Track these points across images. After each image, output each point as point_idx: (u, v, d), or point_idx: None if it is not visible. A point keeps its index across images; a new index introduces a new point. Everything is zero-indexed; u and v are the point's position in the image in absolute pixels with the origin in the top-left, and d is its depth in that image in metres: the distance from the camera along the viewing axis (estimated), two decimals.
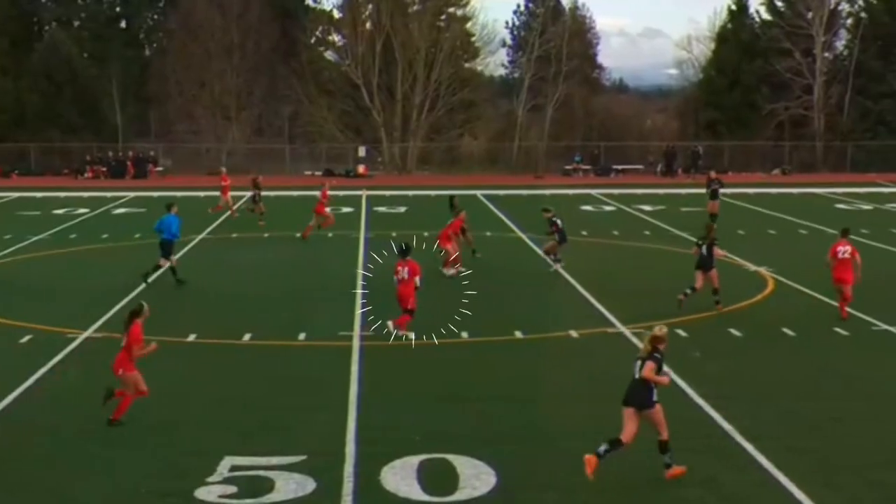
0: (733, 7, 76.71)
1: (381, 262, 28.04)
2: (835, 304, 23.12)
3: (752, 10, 77.50)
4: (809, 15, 71.83)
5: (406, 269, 20.61)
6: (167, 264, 26.89)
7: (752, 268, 29.21)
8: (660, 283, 26.95)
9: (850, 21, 75.10)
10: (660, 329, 13.22)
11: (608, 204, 48.51)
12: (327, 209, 36.48)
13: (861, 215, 43.92)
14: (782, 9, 74.28)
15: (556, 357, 19.63)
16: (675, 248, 33.17)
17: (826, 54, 73.38)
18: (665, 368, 18.07)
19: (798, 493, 12.53)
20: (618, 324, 21.93)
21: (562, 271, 28.14)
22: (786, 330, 21.36)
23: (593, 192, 54.82)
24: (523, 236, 36.13)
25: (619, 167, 69.00)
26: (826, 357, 19.55)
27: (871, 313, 22.69)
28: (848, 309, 22.48)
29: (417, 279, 20.53)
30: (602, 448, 12.89)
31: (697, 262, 23.32)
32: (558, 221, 28.82)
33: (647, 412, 12.98)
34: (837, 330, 21.36)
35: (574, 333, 21.16)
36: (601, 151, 70.73)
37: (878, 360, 19.35)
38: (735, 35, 75.64)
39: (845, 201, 50.45)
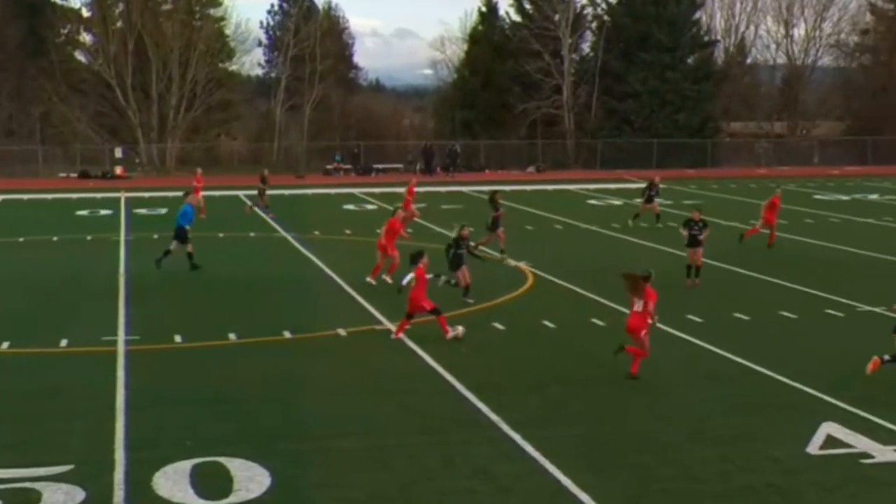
0: (483, 9, 78.45)
1: (142, 264, 27.49)
2: (591, 295, 24.14)
3: (501, 12, 79.45)
4: (556, 17, 74.16)
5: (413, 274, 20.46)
6: (177, 249, 28.46)
7: (512, 263, 30.01)
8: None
9: (594, 24, 78.02)
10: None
11: (370, 203, 48.84)
12: (413, 206, 36.28)
13: (611, 210, 45.71)
14: (530, 11, 76.43)
15: (325, 356, 19.67)
16: (438, 244, 33.68)
17: (573, 56, 76.00)
18: (432, 363, 18.62)
19: (564, 480, 12.96)
20: (385, 321, 22.16)
21: (326, 268, 28.29)
22: (546, 322, 22.05)
23: (355, 191, 55.09)
24: (287, 236, 36.02)
25: (380, 166, 69.52)
26: (586, 346, 20.29)
27: (623, 303, 23.67)
28: (602, 300, 23.44)
29: (410, 275, 20.43)
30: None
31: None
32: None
33: None
34: (594, 321, 22.21)
35: (342, 332, 21.26)
36: (361, 151, 71.11)
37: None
38: (486, 36, 77.43)
39: (597, 197, 52.40)
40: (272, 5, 79.61)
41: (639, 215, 39.21)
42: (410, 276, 20.50)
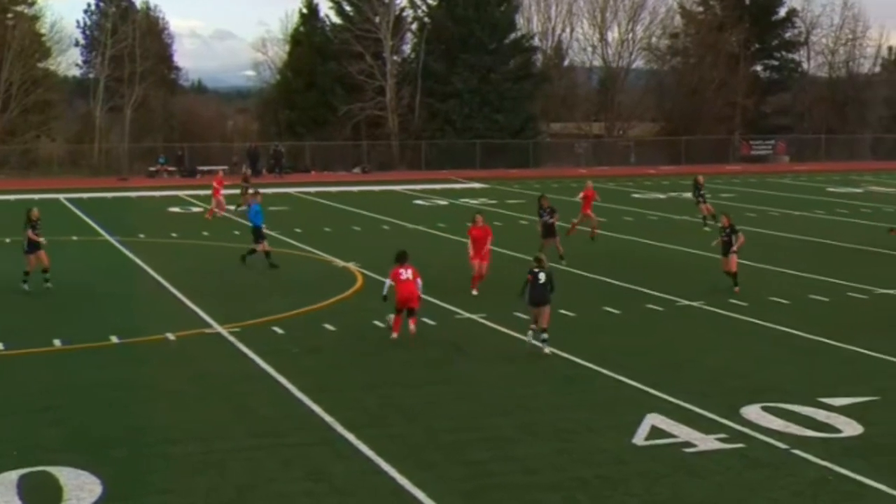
0: (304, 10, 78.21)
1: None
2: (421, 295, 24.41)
3: (322, 13, 79.33)
4: (377, 19, 74.40)
5: (409, 270, 20.87)
6: (262, 248, 29.60)
7: (341, 264, 30.07)
8: (252, 282, 27.38)
9: (415, 26, 78.59)
10: None
11: (196, 205, 48.22)
12: (590, 210, 35.25)
13: (438, 210, 46.19)
14: (351, 13, 76.50)
15: (154, 360, 19.37)
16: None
17: (395, 57, 76.43)
18: (264, 365, 18.56)
19: (401, 479, 13.09)
20: (215, 324, 21.97)
21: (152, 272, 27.89)
22: (377, 322, 22.14)
23: (180, 193, 54.29)
24: (111, 240, 35.31)
25: (205, 168, 68.62)
26: (415, 346, 20.27)
27: (456, 303, 24.05)
28: (431, 299, 23.73)
29: (419, 280, 20.94)
30: None
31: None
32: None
33: None
34: (425, 320, 22.43)
35: (171, 336, 20.97)
36: (185, 152, 70.07)
37: (458, 345, 20.47)
38: (308, 38, 77.25)
39: (423, 197, 52.83)
40: (89, 4, 78.00)
41: (710, 215, 38.36)
42: (388, 282, 20.84)
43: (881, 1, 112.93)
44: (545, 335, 19.47)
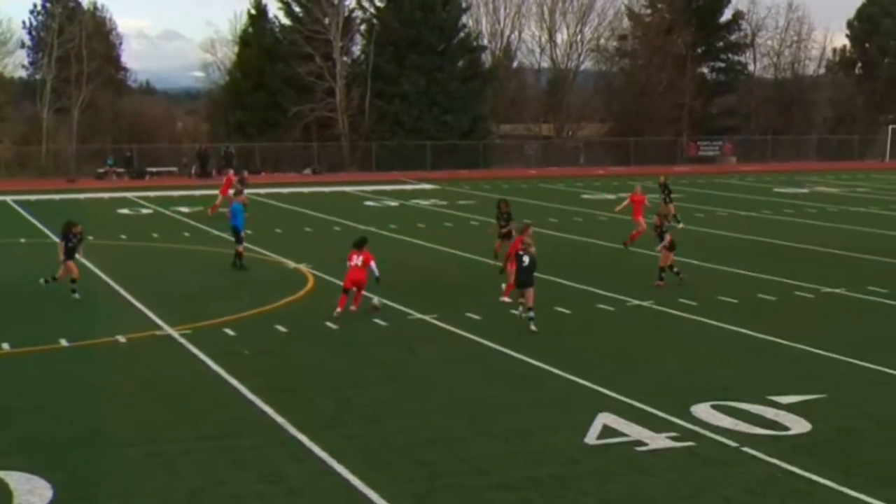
0: (253, 11, 77.86)
1: None
2: (367, 294, 24.44)
3: (271, 14, 79.04)
4: (326, 21, 74.26)
5: (361, 257, 22.84)
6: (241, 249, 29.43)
7: (292, 265, 29.99)
8: (203, 284, 27.26)
9: (363, 27, 78.51)
10: None
11: (145, 206, 47.90)
12: (641, 217, 34.30)
13: (389, 211, 46.18)
14: (300, 14, 76.28)
15: (105, 363, 19.21)
16: (215, 248, 33.47)
17: (344, 58, 76.29)
18: (216, 367, 18.50)
19: (354, 480, 13.08)
20: (166, 326, 21.84)
21: (102, 274, 27.67)
22: (328, 323, 22.15)
23: (129, 195, 53.89)
24: (60, 242, 34.92)
25: (154, 169, 68.19)
26: (367, 347, 20.45)
27: (408, 304, 24.08)
28: (384, 300, 23.75)
29: (373, 264, 22.80)
30: None
31: None
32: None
33: None
34: (376, 321, 22.45)
35: (122, 338, 20.82)
36: (134, 154, 69.53)
37: (410, 346, 20.47)
38: (257, 39, 76.92)
39: (373, 198, 52.79)
40: (35, 5, 76.93)
41: (674, 215, 38.81)
42: (373, 264, 22.77)
43: (826, 3, 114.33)
44: (532, 313, 21.48)
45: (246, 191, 37.45)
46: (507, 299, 24.20)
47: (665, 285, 26.32)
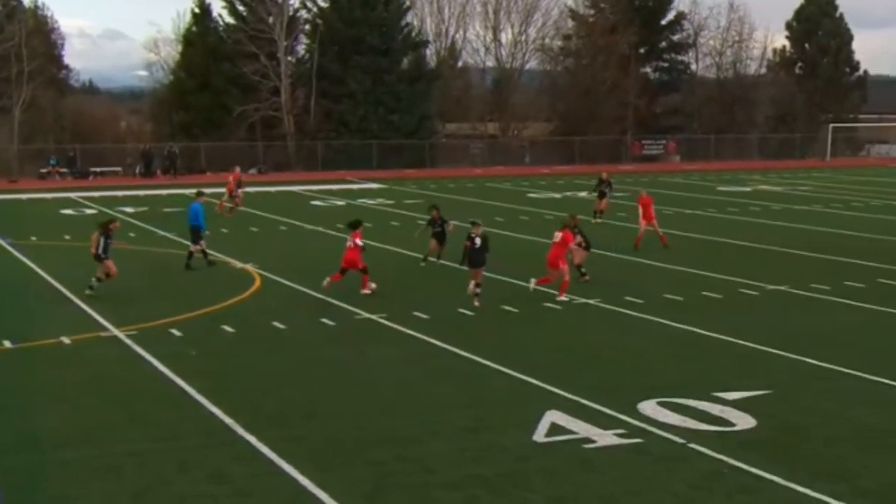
0: (196, 10, 77.32)
1: None
2: (320, 296, 24.44)
3: (215, 13, 78.51)
4: (271, 20, 73.92)
5: (353, 239, 25.07)
6: (193, 248, 29.41)
7: (239, 265, 29.83)
8: (149, 285, 27.03)
9: (308, 27, 78.22)
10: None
11: (89, 207, 47.43)
12: (655, 221, 33.88)
13: (335, 211, 46.06)
14: (244, 13, 75.86)
15: (50, 365, 18.98)
16: (161, 248, 33.24)
17: (289, 58, 76.01)
18: (161, 368, 18.36)
19: (303, 479, 13.03)
20: (111, 327, 21.63)
21: (46, 275, 27.36)
22: (276, 323, 22.07)
23: (73, 195, 53.37)
24: (2, 242, 34.58)
25: (98, 169, 67.61)
26: (315, 347, 20.39)
27: (356, 304, 24.04)
28: (330, 299, 23.71)
29: (358, 240, 25.05)
30: None
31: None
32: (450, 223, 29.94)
33: None
34: (324, 321, 22.38)
35: (66, 340, 20.59)
36: (77, 154, 68.85)
37: (358, 346, 20.47)
38: (201, 38, 76.44)
39: (320, 198, 52.66)
40: None
41: (601, 212, 41.56)
42: (357, 240, 24.99)
43: (766, 4, 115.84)
44: (478, 290, 23.87)
45: (188, 191, 37.28)
46: (563, 297, 24.72)
47: (590, 280, 26.67)
